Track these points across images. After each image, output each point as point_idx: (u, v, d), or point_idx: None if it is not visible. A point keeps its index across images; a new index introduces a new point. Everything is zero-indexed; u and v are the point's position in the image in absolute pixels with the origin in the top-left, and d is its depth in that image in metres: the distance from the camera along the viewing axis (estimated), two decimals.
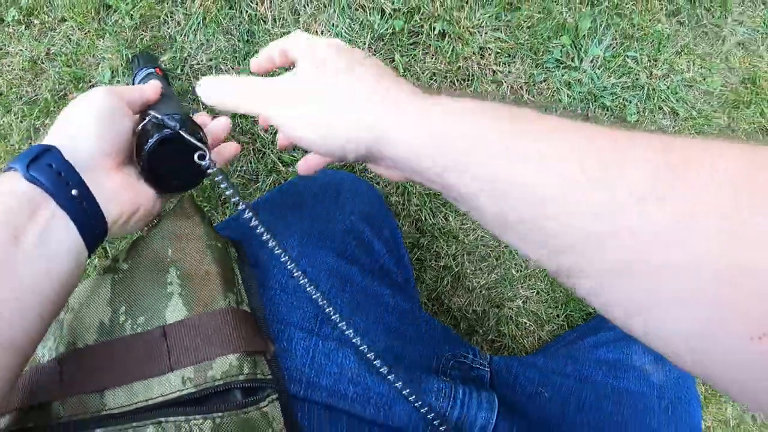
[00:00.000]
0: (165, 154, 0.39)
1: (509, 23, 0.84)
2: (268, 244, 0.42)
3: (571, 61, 0.86)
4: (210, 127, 0.46)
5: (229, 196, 0.40)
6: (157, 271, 0.43)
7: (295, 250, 0.51)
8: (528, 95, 0.86)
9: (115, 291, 0.43)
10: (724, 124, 0.91)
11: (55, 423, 0.38)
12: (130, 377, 0.39)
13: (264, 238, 0.42)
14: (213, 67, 0.81)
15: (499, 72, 0.85)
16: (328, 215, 0.55)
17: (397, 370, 0.49)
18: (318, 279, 0.50)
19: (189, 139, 0.39)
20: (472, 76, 0.84)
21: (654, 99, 0.88)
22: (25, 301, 0.32)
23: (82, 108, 0.38)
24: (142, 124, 0.41)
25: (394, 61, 0.82)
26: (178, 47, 0.81)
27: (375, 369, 0.47)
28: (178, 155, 0.40)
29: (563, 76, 0.86)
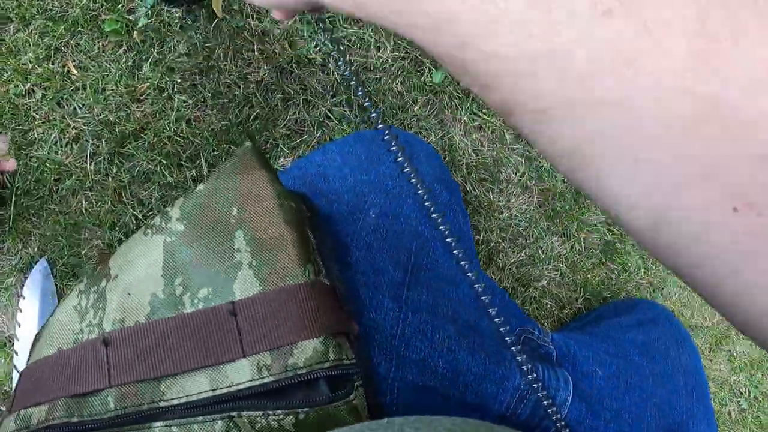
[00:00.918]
0: None
1: None
2: (404, 169, 0.32)
3: None
4: None
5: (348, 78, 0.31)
6: (222, 234, 0.37)
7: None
8: None
9: (169, 257, 0.37)
10: None
11: (103, 416, 0.33)
12: (193, 363, 0.34)
13: (402, 162, 0.32)
14: None
15: None
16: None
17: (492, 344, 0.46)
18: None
19: None
20: None
21: None
22: None
23: None
24: None
25: None
26: None
27: (470, 344, 0.44)
28: None
29: None
